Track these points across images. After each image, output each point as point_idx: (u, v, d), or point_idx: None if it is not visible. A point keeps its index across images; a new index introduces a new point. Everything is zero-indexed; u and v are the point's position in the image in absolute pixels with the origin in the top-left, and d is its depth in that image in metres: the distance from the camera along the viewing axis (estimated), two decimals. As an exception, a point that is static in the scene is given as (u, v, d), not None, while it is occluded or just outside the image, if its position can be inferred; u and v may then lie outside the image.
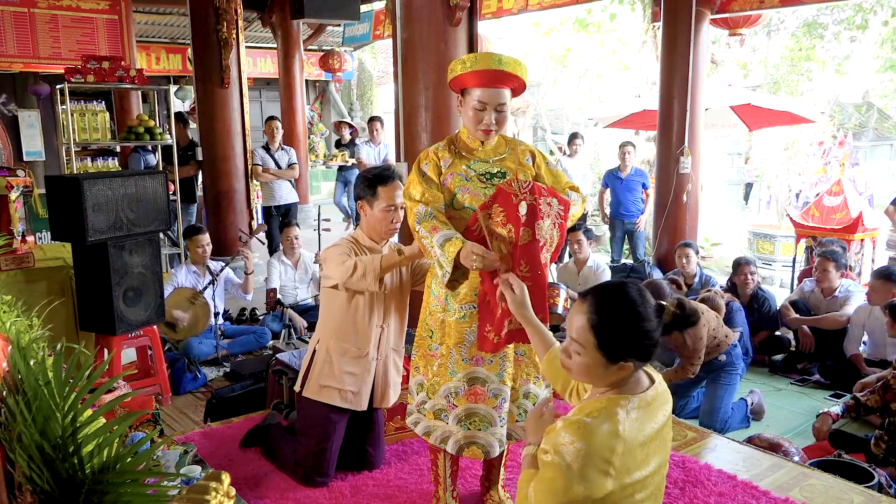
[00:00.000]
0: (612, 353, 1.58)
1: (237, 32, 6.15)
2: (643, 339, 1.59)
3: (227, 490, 1.35)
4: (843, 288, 5.00)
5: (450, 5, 3.76)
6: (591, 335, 1.58)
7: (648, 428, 1.59)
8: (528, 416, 1.86)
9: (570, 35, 13.98)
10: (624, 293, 1.62)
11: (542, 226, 2.28)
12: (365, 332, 2.84)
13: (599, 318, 1.58)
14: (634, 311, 1.59)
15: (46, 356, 1.52)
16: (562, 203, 2.34)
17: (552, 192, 2.34)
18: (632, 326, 1.58)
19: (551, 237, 2.34)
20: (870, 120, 15.28)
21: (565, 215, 2.35)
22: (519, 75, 2.35)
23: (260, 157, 6.80)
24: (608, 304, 1.61)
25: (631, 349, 1.58)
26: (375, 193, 2.79)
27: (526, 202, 2.26)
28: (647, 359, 1.62)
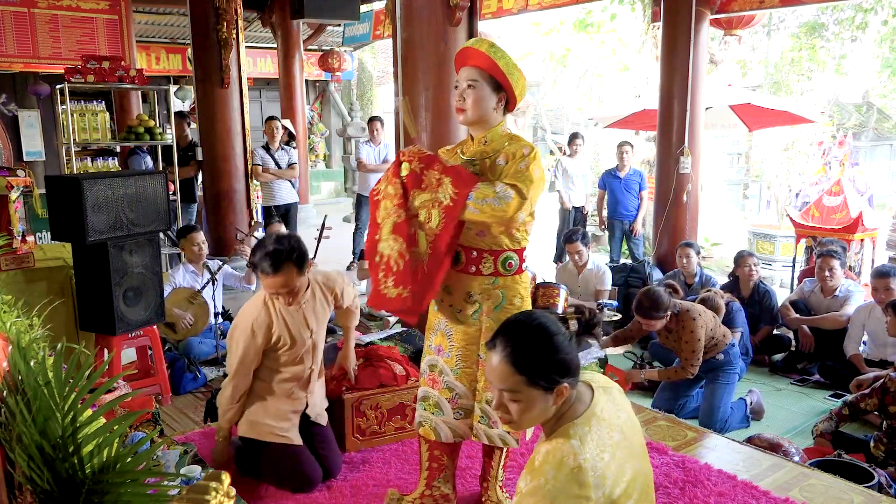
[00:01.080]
0: (546, 382, 1.54)
1: (237, 32, 6.15)
2: (566, 356, 1.56)
3: (227, 490, 1.36)
4: (843, 288, 5.00)
5: (450, 5, 3.76)
6: (518, 374, 1.54)
7: (609, 439, 1.55)
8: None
9: (570, 35, 13.98)
10: (525, 321, 1.61)
11: (418, 195, 2.27)
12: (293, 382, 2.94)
13: (516, 353, 1.55)
14: (545, 332, 1.57)
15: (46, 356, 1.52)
16: (457, 186, 2.22)
17: (452, 172, 2.25)
18: (549, 347, 1.56)
19: (429, 216, 2.26)
20: (870, 120, 15.28)
21: (458, 199, 2.21)
22: (482, 50, 2.29)
23: (260, 157, 6.80)
24: (520, 336, 1.57)
25: (561, 371, 1.55)
26: (259, 276, 2.81)
27: (410, 165, 2.29)
28: (576, 373, 1.58)
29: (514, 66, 2.32)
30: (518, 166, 2.29)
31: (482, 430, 2.48)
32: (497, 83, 2.33)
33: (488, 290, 2.42)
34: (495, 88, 2.33)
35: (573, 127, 15.99)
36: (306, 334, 2.90)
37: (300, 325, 2.89)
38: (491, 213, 2.22)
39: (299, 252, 2.74)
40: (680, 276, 5.59)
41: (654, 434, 3.45)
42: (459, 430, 2.53)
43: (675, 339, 4.09)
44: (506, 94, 2.36)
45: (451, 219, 2.23)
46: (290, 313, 2.87)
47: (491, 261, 2.40)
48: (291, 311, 2.87)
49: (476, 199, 2.21)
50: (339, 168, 15.06)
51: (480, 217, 2.23)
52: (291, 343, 2.87)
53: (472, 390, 2.50)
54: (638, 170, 7.68)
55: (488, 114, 2.36)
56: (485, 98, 2.33)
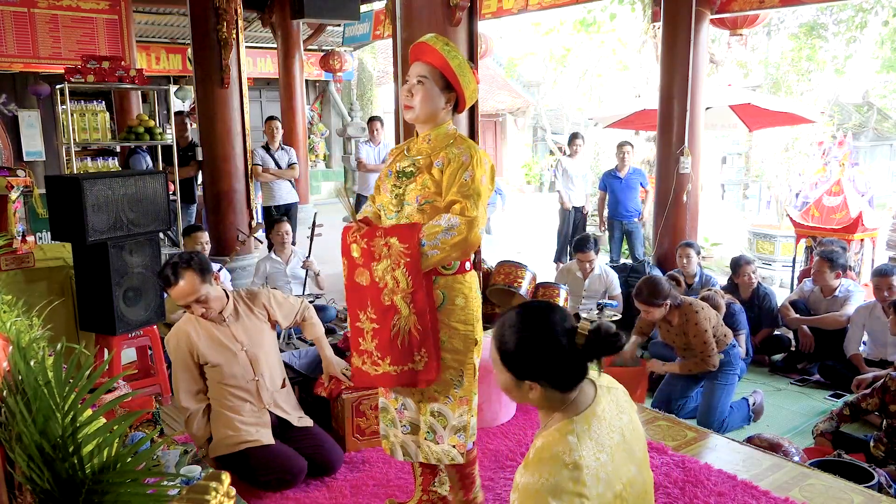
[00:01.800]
0: (515, 371, 1.57)
1: (237, 32, 6.15)
2: (546, 360, 1.53)
3: (227, 490, 1.36)
4: (843, 288, 5.00)
5: (450, 5, 3.76)
6: (496, 349, 1.61)
7: (608, 439, 1.53)
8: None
9: (570, 35, 13.99)
10: (532, 312, 1.60)
11: (377, 268, 2.25)
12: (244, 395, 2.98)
13: (501, 332, 1.60)
14: (537, 330, 1.55)
15: (46, 356, 1.52)
16: (404, 241, 2.19)
17: (394, 232, 2.23)
18: (531, 346, 1.55)
19: (394, 279, 2.23)
20: (870, 120, 15.29)
21: (412, 252, 2.18)
22: (436, 47, 2.23)
23: (260, 157, 6.80)
24: (514, 320, 1.59)
25: (534, 370, 1.55)
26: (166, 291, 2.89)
27: (357, 245, 2.29)
28: (559, 382, 1.55)
29: (466, 67, 2.25)
30: (462, 178, 2.20)
31: (428, 447, 2.42)
32: (447, 82, 2.26)
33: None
34: (445, 87, 2.26)
35: (573, 127, 15.99)
36: (236, 347, 2.96)
37: (227, 340, 2.95)
38: (451, 246, 2.17)
39: (199, 260, 2.87)
40: (680, 276, 5.59)
41: (654, 434, 3.45)
42: (409, 448, 2.48)
43: (680, 334, 4.08)
44: (455, 95, 2.28)
45: (416, 272, 2.20)
46: (212, 330, 2.94)
47: None
48: (215, 328, 2.94)
49: (428, 242, 2.18)
50: (339, 168, 15.06)
51: (443, 255, 2.19)
52: (220, 357, 2.93)
53: (417, 402, 2.43)
54: (638, 168, 7.68)
55: (436, 112, 2.29)
56: (433, 96, 2.26)
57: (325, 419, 3.37)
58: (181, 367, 2.92)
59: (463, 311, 2.34)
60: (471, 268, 2.41)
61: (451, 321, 2.33)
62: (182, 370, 2.93)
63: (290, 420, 3.09)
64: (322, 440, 3.09)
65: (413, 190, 2.28)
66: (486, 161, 2.30)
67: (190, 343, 2.91)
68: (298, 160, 7.42)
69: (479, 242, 2.23)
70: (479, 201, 2.20)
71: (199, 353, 2.92)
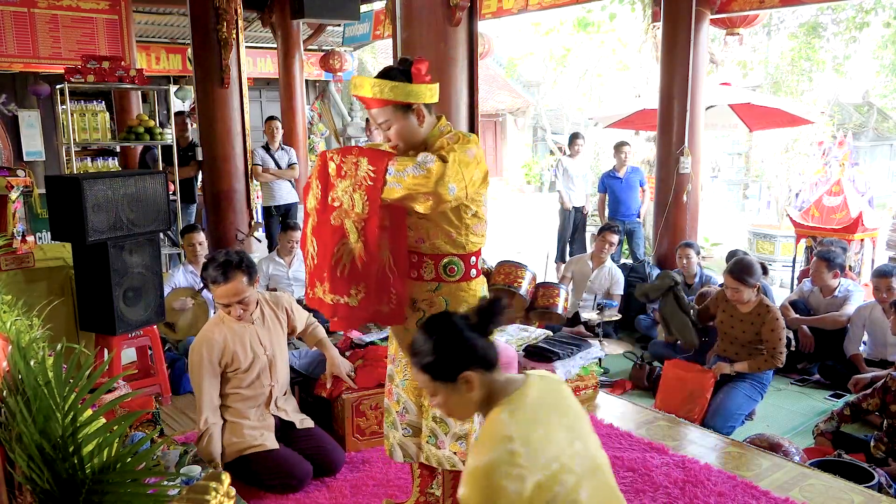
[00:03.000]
0: (447, 375, 1.64)
1: (237, 32, 6.14)
2: (460, 345, 1.65)
3: (227, 490, 1.36)
4: (842, 287, 4.99)
5: (450, 5, 3.75)
6: (424, 373, 1.68)
7: (543, 416, 1.59)
8: None
9: (570, 35, 13.98)
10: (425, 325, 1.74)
11: (339, 185, 2.16)
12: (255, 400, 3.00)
13: (418, 356, 1.68)
14: (437, 328, 1.68)
15: (46, 356, 1.52)
16: (373, 163, 2.08)
17: (367, 153, 2.13)
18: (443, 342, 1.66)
19: (351, 201, 2.12)
20: (870, 120, 15.29)
21: (376, 175, 2.07)
22: (368, 95, 2.16)
23: (260, 157, 6.80)
24: (418, 341, 1.70)
25: (458, 360, 1.64)
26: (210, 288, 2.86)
27: (333, 162, 2.19)
28: (483, 362, 1.65)
29: (403, 87, 2.14)
30: (452, 147, 2.14)
31: (429, 450, 2.40)
32: (404, 106, 2.17)
33: (430, 297, 2.29)
34: (406, 111, 2.17)
35: (573, 127, 15.98)
36: (260, 350, 2.96)
37: (254, 342, 2.95)
38: (412, 184, 2.04)
39: (248, 262, 2.87)
40: (680, 276, 5.59)
41: (654, 434, 3.45)
42: (409, 449, 2.47)
43: (746, 324, 4.03)
44: (420, 104, 2.19)
45: (375, 198, 2.08)
46: (241, 333, 2.93)
47: (432, 266, 2.27)
48: (242, 330, 2.93)
49: (395, 171, 2.06)
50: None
51: (402, 190, 2.05)
52: (247, 361, 2.92)
53: (419, 405, 2.42)
54: (637, 167, 7.68)
55: (416, 134, 2.21)
56: (403, 126, 2.18)
57: (325, 419, 3.37)
58: (210, 374, 2.88)
59: None
60: (477, 274, 2.35)
61: None
62: (211, 377, 2.88)
63: (294, 421, 3.09)
64: (324, 441, 3.09)
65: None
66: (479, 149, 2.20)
67: (220, 348, 2.88)
68: (298, 160, 7.41)
69: (445, 197, 2.06)
70: (458, 162, 2.07)
71: (229, 356, 2.89)
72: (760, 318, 3.99)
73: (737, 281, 3.97)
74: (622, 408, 3.88)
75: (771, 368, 4.01)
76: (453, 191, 2.06)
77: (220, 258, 2.82)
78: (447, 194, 2.05)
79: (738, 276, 3.96)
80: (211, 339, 2.88)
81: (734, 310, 4.09)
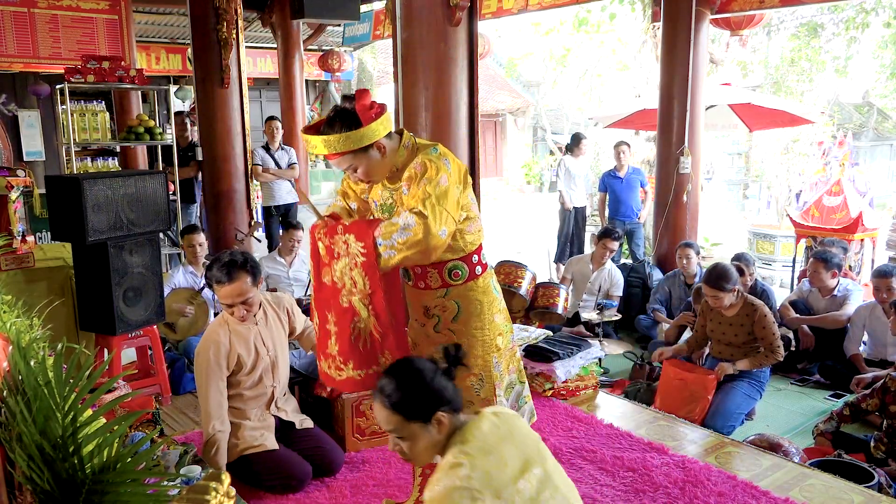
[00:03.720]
0: (421, 414, 1.70)
1: (237, 32, 6.14)
2: (435, 386, 1.73)
3: (227, 490, 1.36)
4: (841, 287, 4.99)
5: (450, 5, 3.75)
6: (396, 414, 1.71)
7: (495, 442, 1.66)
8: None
9: (570, 35, 13.98)
10: (392, 367, 1.81)
11: (336, 267, 2.20)
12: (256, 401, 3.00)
13: (390, 396, 1.72)
14: (410, 371, 1.75)
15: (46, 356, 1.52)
16: (360, 239, 2.11)
17: (352, 230, 2.16)
18: (418, 383, 1.73)
19: (352, 280, 2.16)
20: (870, 120, 15.29)
21: (367, 251, 2.10)
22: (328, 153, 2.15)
23: (260, 157, 6.81)
24: (390, 381, 1.74)
25: (433, 401, 1.71)
26: (214, 288, 2.85)
27: (322, 243, 2.24)
28: (450, 402, 1.73)
29: (354, 134, 2.11)
30: (420, 183, 2.12)
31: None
32: (363, 147, 2.15)
33: (441, 302, 2.31)
34: (366, 150, 2.16)
35: (573, 127, 15.99)
36: (263, 351, 2.96)
37: (257, 343, 2.95)
38: (407, 247, 2.06)
39: (252, 262, 2.87)
40: (680, 277, 5.59)
41: (654, 434, 3.45)
42: None
43: (736, 326, 4.05)
44: (379, 139, 2.17)
45: (373, 272, 2.11)
46: (245, 334, 2.92)
47: (436, 274, 2.28)
48: (246, 331, 2.93)
49: (383, 240, 2.08)
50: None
51: (399, 256, 2.08)
52: (251, 362, 2.92)
53: None
54: (637, 167, 7.68)
55: (384, 165, 2.22)
56: (367, 165, 2.19)
57: (325, 419, 3.37)
58: (217, 377, 2.85)
59: (480, 318, 2.31)
60: (483, 270, 2.34)
61: (470, 329, 2.30)
62: (218, 380, 2.86)
63: (294, 421, 3.10)
64: (323, 441, 3.09)
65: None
66: (448, 161, 2.19)
67: (226, 350, 2.87)
68: (298, 160, 7.41)
69: (440, 243, 2.09)
70: (429, 202, 2.07)
71: (234, 358, 2.89)
72: (749, 319, 4.01)
73: (714, 289, 3.99)
74: (622, 408, 3.88)
75: (773, 363, 4.02)
76: (444, 233, 2.09)
77: (225, 258, 2.81)
78: (441, 240, 2.09)
79: (715, 283, 3.98)
80: (217, 341, 2.86)
81: (721, 316, 4.10)
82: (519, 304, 5.67)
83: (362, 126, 2.12)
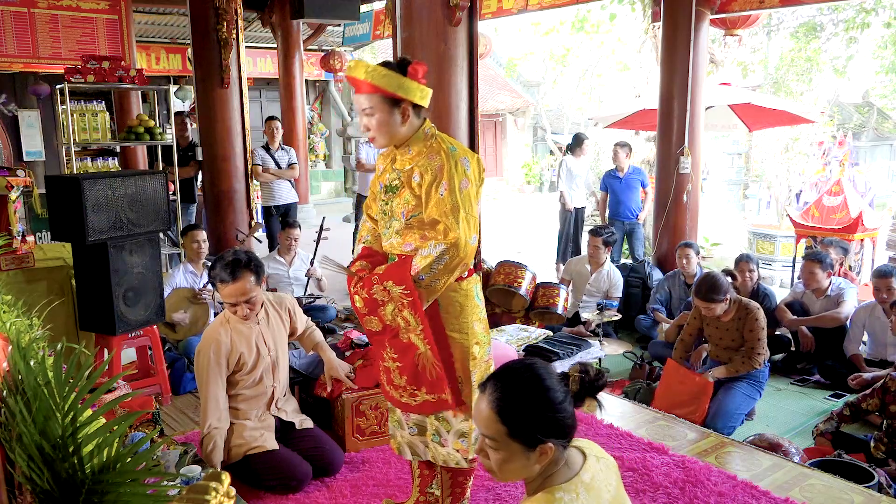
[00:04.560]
0: (527, 438, 1.44)
1: (237, 32, 6.14)
2: (556, 414, 1.46)
3: (227, 490, 1.36)
4: (834, 286, 4.98)
5: (450, 5, 3.76)
6: (501, 423, 1.45)
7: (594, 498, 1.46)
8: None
9: (569, 35, 13.99)
10: (520, 369, 1.52)
11: (385, 312, 2.27)
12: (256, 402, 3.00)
13: (503, 401, 1.46)
14: (540, 385, 1.47)
15: (46, 356, 1.52)
16: (400, 283, 2.19)
17: (388, 276, 2.23)
18: (541, 403, 1.46)
19: (405, 320, 2.24)
20: (870, 120, 15.29)
21: (411, 291, 2.18)
22: (360, 78, 2.17)
23: (260, 157, 6.81)
24: (511, 385, 1.48)
25: (547, 429, 1.45)
26: (217, 287, 2.86)
27: (359, 296, 2.31)
28: (566, 436, 1.49)
29: (397, 79, 2.16)
30: (438, 194, 2.15)
31: (434, 448, 2.42)
32: (392, 99, 2.18)
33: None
34: (393, 105, 2.19)
35: (573, 127, 15.99)
36: (264, 351, 2.96)
37: (259, 343, 2.95)
38: (449, 269, 2.17)
39: (256, 262, 2.88)
40: (680, 277, 5.59)
41: (654, 434, 3.45)
42: (418, 448, 2.47)
43: (732, 330, 4.06)
44: (408, 103, 2.21)
45: (420, 307, 2.21)
46: (246, 333, 2.93)
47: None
48: (248, 330, 2.93)
49: (425, 276, 2.16)
50: (339, 168, 15.06)
51: (441, 284, 2.20)
52: (251, 361, 2.92)
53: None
54: (638, 167, 7.68)
55: (397, 131, 2.23)
56: (386, 120, 2.20)
57: (325, 419, 3.37)
58: (217, 376, 2.86)
59: (457, 320, 2.32)
60: (469, 274, 2.36)
61: (448, 331, 2.31)
62: (218, 378, 2.87)
63: (294, 421, 3.10)
64: (323, 441, 3.09)
65: (398, 205, 2.27)
66: (468, 160, 2.24)
67: (226, 349, 2.87)
68: (298, 160, 7.42)
69: (473, 250, 2.20)
70: (459, 215, 2.14)
71: (235, 357, 2.89)
72: (741, 322, 4.03)
73: (706, 301, 4.00)
74: (622, 408, 3.88)
75: (749, 370, 4.01)
76: (474, 240, 2.20)
77: (229, 257, 2.82)
78: (473, 247, 2.19)
79: (706, 296, 3.99)
80: (218, 339, 2.86)
81: (717, 320, 4.11)
82: (519, 304, 5.68)
83: (406, 77, 2.18)
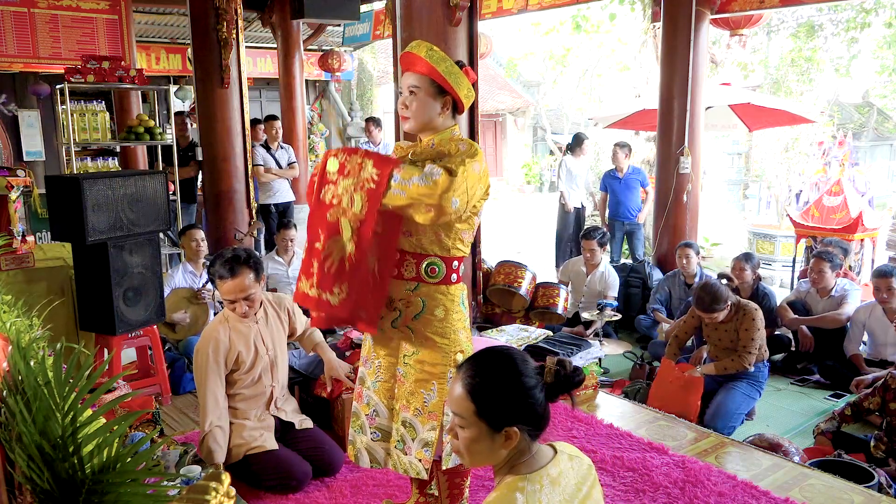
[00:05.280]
0: (494, 419, 1.47)
1: (237, 32, 6.14)
2: (526, 399, 1.48)
3: (227, 490, 1.36)
4: (839, 287, 4.99)
5: (450, 5, 3.76)
6: (470, 401, 1.48)
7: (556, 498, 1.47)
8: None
9: (569, 35, 13.98)
10: (500, 354, 1.55)
11: (341, 183, 2.13)
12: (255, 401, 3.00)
13: (476, 381, 1.49)
14: (513, 369, 1.50)
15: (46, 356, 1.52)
16: (378, 167, 2.07)
17: (372, 156, 2.12)
18: (511, 386, 1.48)
19: (350, 199, 2.10)
20: (870, 120, 15.29)
21: (380, 179, 2.06)
22: (420, 55, 2.18)
23: (261, 156, 6.83)
24: (485, 366, 1.52)
25: (514, 413, 1.48)
26: (217, 283, 2.86)
27: (336, 159, 2.17)
28: (535, 424, 1.50)
29: (454, 68, 2.20)
30: (460, 158, 2.12)
31: (397, 456, 2.37)
32: (439, 87, 2.20)
33: (408, 296, 2.26)
34: (438, 93, 2.20)
35: (573, 127, 15.99)
36: (263, 350, 2.97)
37: (257, 342, 2.96)
38: (416, 193, 2.03)
39: (255, 259, 2.88)
40: (680, 277, 5.59)
41: (654, 434, 3.45)
42: (377, 454, 2.42)
43: (730, 331, 4.08)
44: (451, 98, 2.22)
45: (374, 202, 2.07)
46: (245, 332, 2.93)
47: (413, 264, 2.24)
48: (246, 329, 2.93)
49: (401, 178, 2.05)
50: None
51: (405, 199, 2.05)
52: (250, 360, 2.92)
53: (390, 408, 2.38)
54: (638, 167, 7.68)
55: (433, 120, 2.23)
56: (427, 104, 2.21)
57: (324, 419, 3.37)
58: (216, 374, 2.85)
59: (441, 323, 2.27)
60: (458, 280, 2.32)
61: (428, 332, 2.27)
62: (216, 377, 2.86)
63: (293, 422, 3.10)
64: (322, 441, 3.09)
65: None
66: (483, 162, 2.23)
67: (225, 347, 2.87)
68: (298, 160, 7.42)
69: (447, 210, 2.06)
70: (463, 171, 2.06)
71: (233, 355, 2.89)
72: (739, 322, 4.05)
73: (708, 312, 4.02)
74: (622, 408, 3.88)
75: (738, 369, 4.02)
76: (456, 204, 2.06)
77: (228, 254, 2.83)
78: (450, 207, 2.05)
79: (708, 307, 4.01)
80: (217, 338, 2.87)
81: (715, 321, 4.12)
82: (519, 303, 5.68)
83: (455, 67, 2.20)
